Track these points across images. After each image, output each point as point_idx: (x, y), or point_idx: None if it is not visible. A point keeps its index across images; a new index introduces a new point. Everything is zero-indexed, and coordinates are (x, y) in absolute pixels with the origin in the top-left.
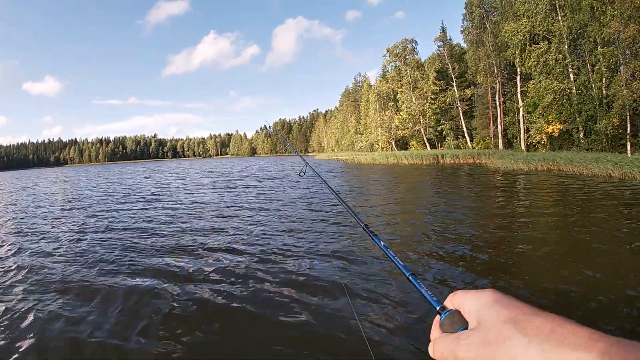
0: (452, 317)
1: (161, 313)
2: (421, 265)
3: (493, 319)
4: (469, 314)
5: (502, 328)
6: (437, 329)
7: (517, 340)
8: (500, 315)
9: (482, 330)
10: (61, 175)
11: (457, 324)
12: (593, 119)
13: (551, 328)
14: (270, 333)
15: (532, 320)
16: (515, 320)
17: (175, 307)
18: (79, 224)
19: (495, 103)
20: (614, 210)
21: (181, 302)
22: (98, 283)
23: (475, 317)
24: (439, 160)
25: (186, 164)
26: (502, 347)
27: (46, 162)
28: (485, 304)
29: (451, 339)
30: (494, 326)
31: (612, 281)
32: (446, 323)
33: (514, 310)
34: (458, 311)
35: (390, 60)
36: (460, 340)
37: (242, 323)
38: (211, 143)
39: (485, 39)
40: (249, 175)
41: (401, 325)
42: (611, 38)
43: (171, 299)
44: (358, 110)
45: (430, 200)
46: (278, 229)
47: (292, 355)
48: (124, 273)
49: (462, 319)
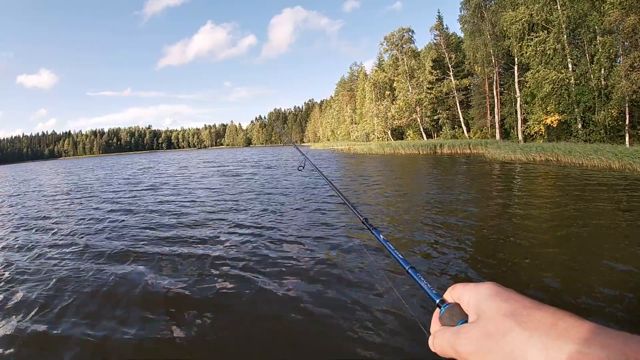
0: (452, 310)
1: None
2: (420, 257)
3: (493, 312)
4: (468, 307)
5: (502, 321)
6: (437, 322)
7: (517, 334)
8: (501, 309)
9: (482, 324)
10: (60, 167)
11: (456, 317)
12: (591, 110)
13: (552, 322)
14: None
15: (533, 313)
16: (516, 314)
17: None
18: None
19: (492, 93)
20: (615, 201)
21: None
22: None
23: (475, 310)
24: (436, 150)
25: (183, 155)
26: (502, 341)
27: (40, 156)
28: (485, 297)
29: (451, 332)
30: (494, 319)
31: (611, 272)
32: (446, 316)
33: (514, 303)
34: (458, 304)
35: (387, 49)
36: (460, 333)
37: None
38: (206, 134)
39: (483, 28)
40: (251, 163)
41: (400, 318)
42: (611, 28)
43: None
44: (354, 100)
45: (429, 191)
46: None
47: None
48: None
49: (461, 312)
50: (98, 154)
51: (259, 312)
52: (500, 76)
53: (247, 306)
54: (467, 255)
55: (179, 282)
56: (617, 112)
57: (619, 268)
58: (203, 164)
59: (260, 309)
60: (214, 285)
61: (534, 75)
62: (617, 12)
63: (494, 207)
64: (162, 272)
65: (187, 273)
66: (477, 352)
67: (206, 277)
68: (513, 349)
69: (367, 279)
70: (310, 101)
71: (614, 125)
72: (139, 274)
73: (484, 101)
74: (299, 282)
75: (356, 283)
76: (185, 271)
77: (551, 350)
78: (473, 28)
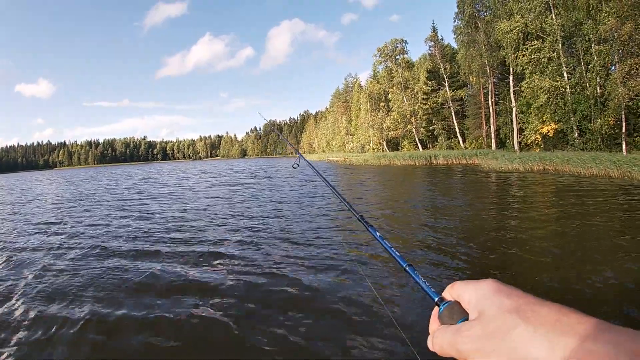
0: (452, 309)
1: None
2: (419, 256)
3: (495, 309)
4: (469, 305)
5: (505, 318)
6: (436, 321)
7: (522, 330)
8: (503, 305)
9: (484, 321)
10: (55, 176)
11: (456, 316)
12: (588, 119)
13: (557, 318)
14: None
15: (537, 309)
16: (519, 310)
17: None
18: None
19: (487, 103)
20: (616, 209)
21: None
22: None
23: (476, 308)
24: (432, 161)
25: (181, 165)
26: (506, 338)
27: (35, 165)
28: (486, 294)
29: (451, 331)
30: (496, 317)
31: (610, 275)
32: (445, 314)
33: (517, 299)
34: (457, 302)
35: (380, 61)
36: (461, 331)
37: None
38: (201, 145)
39: (477, 38)
40: (251, 174)
41: (398, 318)
42: (607, 36)
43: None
44: (349, 111)
45: (427, 200)
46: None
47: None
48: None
49: (461, 310)
50: (93, 164)
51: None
52: (495, 86)
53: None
54: (466, 256)
55: (205, 274)
56: (614, 120)
57: (619, 264)
58: (204, 174)
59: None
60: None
61: (529, 84)
62: (612, 20)
63: (492, 211)
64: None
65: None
66: (479, 350)
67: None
68: (518, 346)
69: (361, 276)
70: (305, 112)
71: (610, 133)
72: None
73: (480, 111)
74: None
75: (349, 281)
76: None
77: (557, 347)
78: (467, 39)
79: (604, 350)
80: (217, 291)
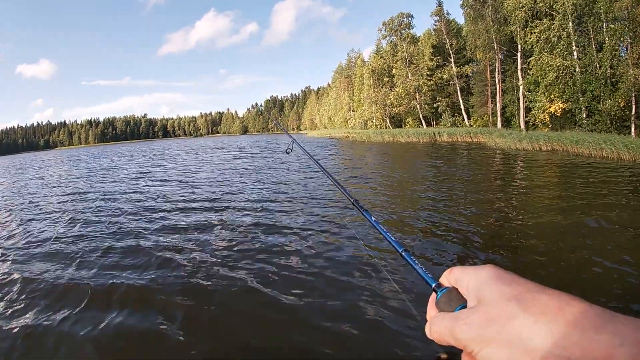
0: (449, 295)
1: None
2: (415, 240)
3: (495, 297)
4: (467, 292)
5: (505, 306)
6: (434, 308)
7: (522, 320)
8: (503, 293)
9: (483, 309)
10: (60, 157)
11: (454, 302)
12: (597, 99)
13: (558, 306)
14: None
15: (538, 297)
16: (520, 298)
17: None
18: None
19: (494, 80)
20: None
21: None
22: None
23: (474, 295)
24: (436, 138)
25: (188, 141)
26: (506, 327)
27: (35, 146)
28: (485, 280)
29: (449, 318)
30: (496, 304)
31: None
32: (443, 301)
33: (517, 287)
34: (455, 288)
35: (385, 35)
36: (459, 319)
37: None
38: (202, 122)
39: (485, 13)
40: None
41: (395, 305)
42: (621, 14)
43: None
44: (351, 87)
45: (430, 179)
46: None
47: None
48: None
49: (460, 297)
50: (94, 143)
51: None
52: (502, 63)
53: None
54: (465, 239)
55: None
56: (625, 102)
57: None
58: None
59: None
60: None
61: (537, 61)
62: None
63: (499, 193)
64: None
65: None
66: (478, 338)
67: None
68: (518, 335)
69: (356, 262)
70: (307, 88)
71: (620, 115)
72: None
73: (485, 89)
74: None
75: (347, 267)
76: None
77: (559, 336)
78: (475, 13)
79: (607, 340)
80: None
